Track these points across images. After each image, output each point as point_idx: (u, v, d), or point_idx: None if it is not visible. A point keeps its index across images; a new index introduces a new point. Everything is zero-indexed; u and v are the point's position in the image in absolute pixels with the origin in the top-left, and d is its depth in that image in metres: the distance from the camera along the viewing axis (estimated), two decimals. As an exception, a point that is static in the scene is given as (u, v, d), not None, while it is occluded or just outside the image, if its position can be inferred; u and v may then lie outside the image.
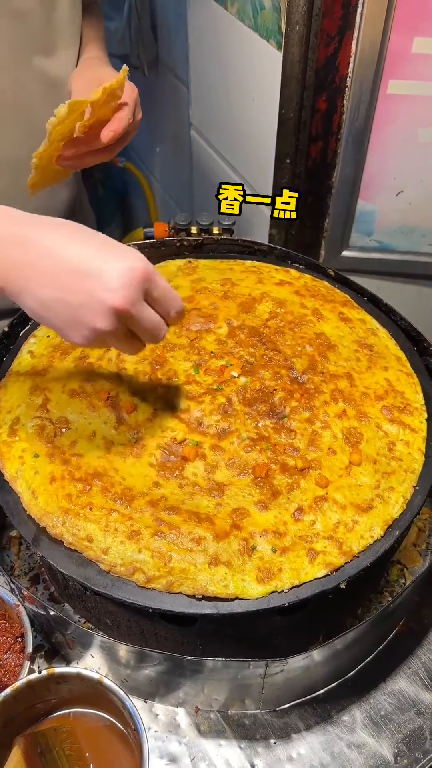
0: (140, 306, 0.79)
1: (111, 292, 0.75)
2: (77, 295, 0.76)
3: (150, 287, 0.80)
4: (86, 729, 0.90)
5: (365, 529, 0.88)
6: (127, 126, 1.05)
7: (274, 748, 0.96)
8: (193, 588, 0.83)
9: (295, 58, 1.37)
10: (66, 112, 0.96)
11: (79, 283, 0.76)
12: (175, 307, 0.84)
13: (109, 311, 0.76)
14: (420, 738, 0.96)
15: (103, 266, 0.76)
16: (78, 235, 0.79)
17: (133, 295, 0.77)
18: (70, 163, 1.06)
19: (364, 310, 1.18)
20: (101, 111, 1.01)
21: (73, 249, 0.77)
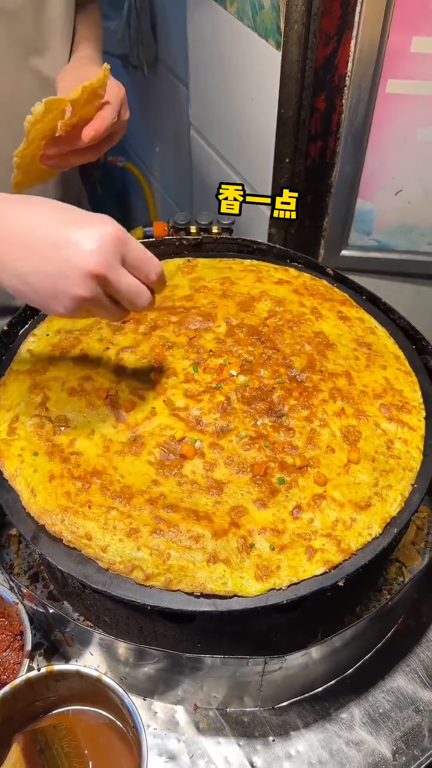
0: (117, 269, 0.80)
1: (85, 257, 0.77)
2: (54, 264, 0.77)
3: (125, 251, 0.81)
4: (85, 726, 0.90)
5: (363, 527, 0.88)
6: (110, 125, 1.03)
7: (273, 745, 0.96)
8: (192, 585, 0.83)
9: (294, 58, 1.37)
10: (43, 109, 0.95)
11: (54, 253, 0.77)
12: (154, 269, 0.84)
13: (87, 276, 0.77)
14: (418, 735, 0.96)
15: (76, 233, 0.78)
16: (51, 208, 0.81)
17: (108, 258, 0.78)
18: (53, 162, 1.06)
19: (362, 308, 1.18)
20: (84, 110, 1.01)
21: (46, 221, 0.79)
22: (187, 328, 1.09)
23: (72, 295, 0.78)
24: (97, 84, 0.99)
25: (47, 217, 0.80)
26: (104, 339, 1.08)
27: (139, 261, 0.83)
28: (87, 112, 1.02)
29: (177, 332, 1.09)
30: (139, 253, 0.83)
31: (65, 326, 1.11)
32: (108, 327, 1.10)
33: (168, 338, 1.08)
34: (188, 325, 1.10)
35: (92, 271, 0.77)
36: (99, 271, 0.78)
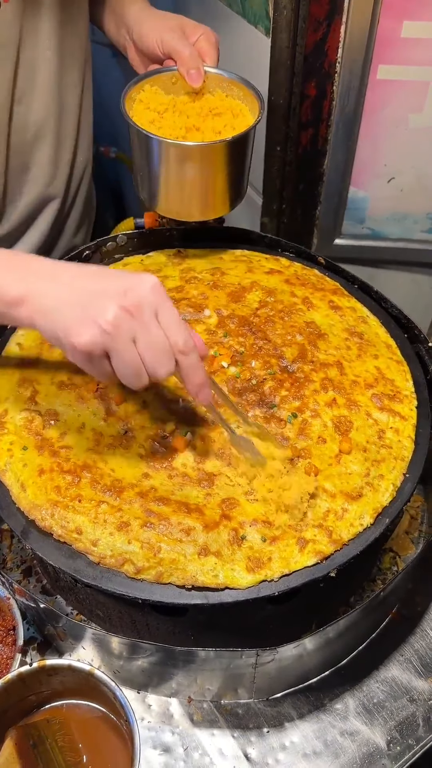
0: (149, 315, 0.78)
1: (120, 291, 0.77)
2: (90, 294, 0.78)
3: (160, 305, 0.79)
4: (79, 720, 0.90)
5: (355, 517, 0.88)
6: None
7: (267, 736, 0.96)
8: (183, 578, 0.83)
9: (283, 44, 1.35)
10: None
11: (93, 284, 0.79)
12: (185, 339, 0.79)
13: (119, 308, 0.76)
14: (413, 725, 0.96)
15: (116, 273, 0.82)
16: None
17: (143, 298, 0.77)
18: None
19: (354, 298, 1.17)
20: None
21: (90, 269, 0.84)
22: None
23: (99, 322, 0.75)
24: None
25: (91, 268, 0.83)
26: (94, 331, 1.07)
27: (172, 322, 0.79)
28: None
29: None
30: (175, 315, 0.80)
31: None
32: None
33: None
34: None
35: (124, 305, 0.76)
36: (131, 306, 0.76)
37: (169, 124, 1.11)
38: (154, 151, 1.07)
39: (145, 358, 0.78)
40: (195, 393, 0.84)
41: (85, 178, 1.36)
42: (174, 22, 1.14)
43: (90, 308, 0.76)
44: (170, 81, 1.14)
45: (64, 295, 0.79)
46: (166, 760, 0.94)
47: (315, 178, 1.54)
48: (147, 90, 1.14)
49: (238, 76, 1.13)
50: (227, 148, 1.07)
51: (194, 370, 0.81)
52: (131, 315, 0.76)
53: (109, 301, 0.76)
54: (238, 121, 1.12)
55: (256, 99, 1.11)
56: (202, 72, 1.11)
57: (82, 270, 0.83)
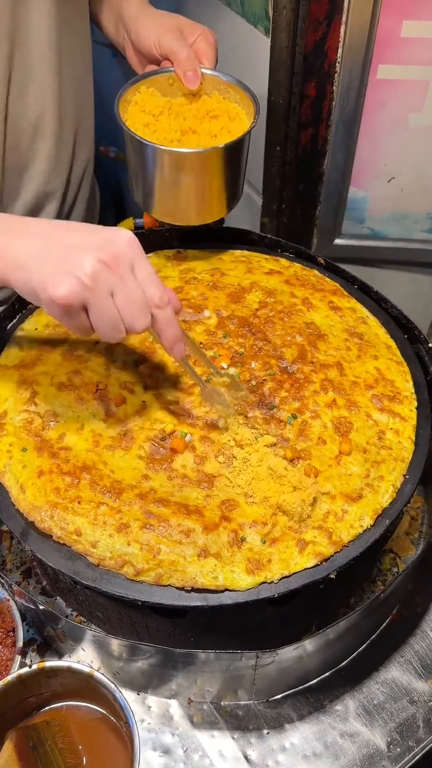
0: (126, 269, 0.78)
1: (98, 244, 0.77)
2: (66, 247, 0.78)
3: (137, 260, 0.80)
4: (79, 722, 0.90)
5: (355, 519, 0.88)
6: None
7: (267, 738, 0.96)
8: (183, 580, 0.83)
9: (283, 44, 1.35)
10: None
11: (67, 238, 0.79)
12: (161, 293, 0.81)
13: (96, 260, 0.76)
14: (413, 726, 0.96)
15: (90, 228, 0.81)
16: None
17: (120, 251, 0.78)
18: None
19: (354, 298, 1.17)
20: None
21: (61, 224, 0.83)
22: (176, 321, 1.08)
23: (78, 274, 0.75)
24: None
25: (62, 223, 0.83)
26: (93, 332, 1.07)
27: (148, 276, 0.80)
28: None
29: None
30: (150, 269, 0.81)
31: (54, 320, 1.10)
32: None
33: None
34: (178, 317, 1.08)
35: (102, 258, 0.76)
36: (108, 259, 0.76)
37: (164, 127, 1.11)
38: (148, 157, 1.07)
39: (123, 312, 0.79)
40: (170, 347, 0.86)
41: (86, 177, 1.36)
42: (172, 22, 1.14)
43: (66, 261, 0.76)
44: (167, 82, 1.14)
45: (37, 248, 0.78)
46: (166, 761, 0.94)
47: (315, 178, 1.54)
48: (143, 92, 1.14)
49: (235, 79, 1.12)
50: (222, 154, 1.07)
51: (169, 324, 0.83)
52: (109, 268, 0.77)
53: (87, 253, 0.76)
54: (234, 125, 1.12)
55: (252, 102, 1.10)
56: (199, 74, 1.11)
57: (53, 224, 0.82)
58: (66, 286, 0.75)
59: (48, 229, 0.81)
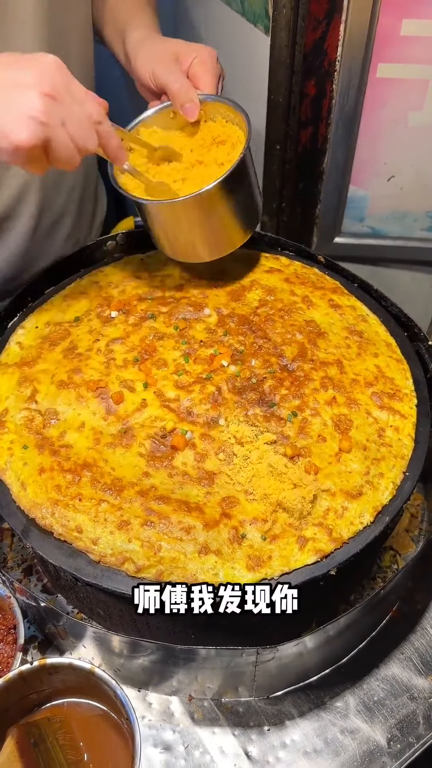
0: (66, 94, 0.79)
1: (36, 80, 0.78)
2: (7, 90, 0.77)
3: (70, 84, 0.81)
4: (80, 719, 0.90)
5: (355, 516, 0.88)
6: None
7: (268, 734, 0.96)
8: (183, 577, 0.83)
9: (282, 43, 1.35)
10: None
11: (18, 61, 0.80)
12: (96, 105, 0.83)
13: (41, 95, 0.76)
14: (413, 723, 0.96)
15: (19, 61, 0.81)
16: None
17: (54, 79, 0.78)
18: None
19: (354, 296, 1.17)
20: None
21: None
22: (177, 319, 1.08)
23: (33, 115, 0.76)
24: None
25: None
26: (94, 330, 1.07)
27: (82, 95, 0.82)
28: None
29: (167, 323, 1.08)
30: (81, 87, 0.82)
31: (54, 318, 1.11)
32: (98, 319, 1.09)
33: (158, 329, 1.07)
34: (178, 315, 1.09)
35: (45, 91, 0.77)
36: (50, 91, 0.77)
37: (166, 171, 1.08)
38: (147, 213, 1.05)
39: (75, 137, 0.80)
40: (114, 157, 0.89)
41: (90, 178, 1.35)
42: (166, 52, 1.09)
43: (14, 104, 0.76)
44: (168, 116, 1.10)
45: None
46: (167, 758, 0.94)
47: (315, 176, 1.54)
48: (142, 134, 1.10)
49: (230, 101, 1.07)
50: (220, 189, 1.00)
51: (110, 135, 0.87)
52: (54, 99, 0.78)
53: (29, 91, 0.76)
54: (237, 151, 1.05)
55: (245, 124, 1.05)
56: (197, 103, 1.05)
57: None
58: (27, 131, 0.76)
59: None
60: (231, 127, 1.09)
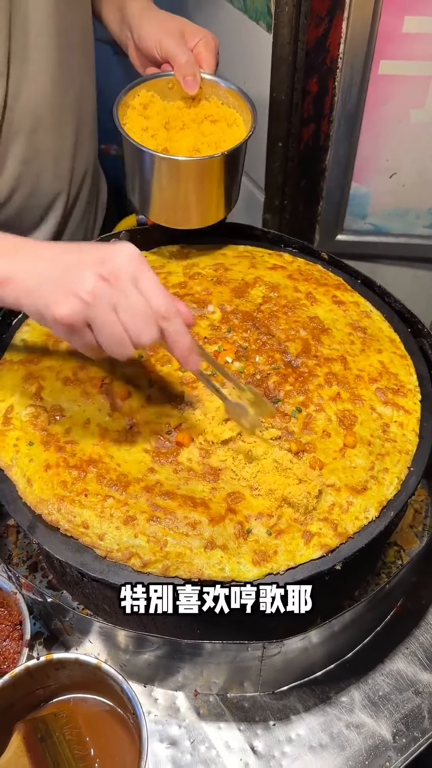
0: (126, 282, 0.78)
1: (95, 261, 0.78)
2: (66, 266, 0.79)
3: (139, 273, 0.79)
4: (86, 714, 0.90)
5: (360, 511, 0.88)
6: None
7: (274, 729, 0.96)
8: (190, 572, 0.83)
9: (285, 40, 1.35)
10: None
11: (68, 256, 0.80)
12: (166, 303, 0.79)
13: (96, 276, 0.76)
14: (418, 717, 0.97)
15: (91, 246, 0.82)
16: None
17: (119, 266, 0.77)
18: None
19: (357, 292, 1.17)
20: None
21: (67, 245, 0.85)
22: (181, 315, 1.08)
23: (78, 292, 0.76)
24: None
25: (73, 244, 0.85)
26: (98, 327, 1.08)
27: (152, 288, 0.79)
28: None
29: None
30: (155, 281, 0.79)
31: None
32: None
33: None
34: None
35: (102, 273, 0.76)
36: (108, 274, 0.76)
37: (162, 132, 1.11)
38: (146, 164, 1.08)
39: (127, 326, 0.78)
40: (183, 360, 0.83)
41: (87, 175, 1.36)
42: (174, 26, 1.13)
43: (68, 280, 0.77)
44: (167, 86, 1.14)
45: (45, 271, 0.79)
46: (173, 753, 0.94)
47: (317, 173, 1.54)
48: (142, 95, 1.14)
49: (234, 85, 1.13)
50: (221, 162, 1.07)
51: (180, 336, 0.81)
52: (109, 283, 0.77)
53: (87, 270, 0.77)
54: (232, 131, 1.12)
55: (249, 109, 1.11)
56: (199, 79, 1.11)
57: (64, 246, 0.84)
58: (67, 305, 0.76)
59: (58, 252, 0.82)
60: (226, 108, 1.14)
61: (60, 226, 1.33)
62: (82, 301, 0.76)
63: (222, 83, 1.13)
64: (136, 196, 1.17)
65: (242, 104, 1.12)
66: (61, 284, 0.77)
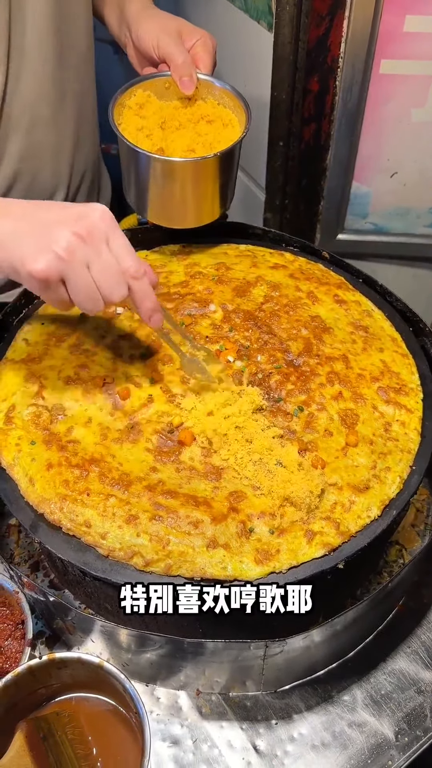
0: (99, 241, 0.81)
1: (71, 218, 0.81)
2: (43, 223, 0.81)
3: (111, 233, 0.82)
4: (89, 713, 0.90)
5: (362, 509, 0.88)
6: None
7: (276, 728, 0.96)
8: (192, 571, 0.83)
9: (286, 39, 1.35)
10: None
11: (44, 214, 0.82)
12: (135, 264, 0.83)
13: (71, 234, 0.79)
14: (420, 716, 0.97)
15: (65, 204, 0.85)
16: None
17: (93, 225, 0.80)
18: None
19: (359, 291, 1.17)
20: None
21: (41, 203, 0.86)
22: (182, 315, 1.09)
23: (54, 249, 0.78)
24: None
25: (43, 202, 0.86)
26: (100, 327, 1.08)
27: (123, 248, 0.83)
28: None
29: (173, 319, 1.08)
30: (125, 241, 0.83)
31: (60, 315, 1.11)
32: (103, 315, 1.09)
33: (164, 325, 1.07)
34: (184, 311, 1.09)
35: (77, 231, 0.79)
36: (83, 232, 0.79)
37: (158, 132, 1.11)
38: (141, 165, 1.08)
39: (99, 283, 0.82)
40: (147, 317, 0.89)
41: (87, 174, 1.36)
42: (172, 25, 1.13)
43: (44, 237, 0.79)
44: (163, 86, 1.14)
45: (18, 227, 0.81)
46: (175, 752, 0.94)
47: (318, 173, 1.54)
48: (138, 95, 1.14)
49: (230, 86, 1.13)
50: (215, 162, 1.07)
51: (146, 294, 0.86)
52: (84, 241, 0.80)
53: (63, 228, 0.79)
54: (227, 132, 1.12)
55: (244, 110, 1.11)
56: (195, 79, 1.10)
57: (35, 205, 0.85)
58: (43, 260, 0.79)
59: (28, 209, 0.84)
60: (222, 109, 1.15)
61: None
62: (57, 257, 0.79)
63: (217, 83, 1.13)
64: (132, 196, 1.17)
65: (237, 105, 1.12)
66: (38, 241, 0.79)
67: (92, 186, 1.41)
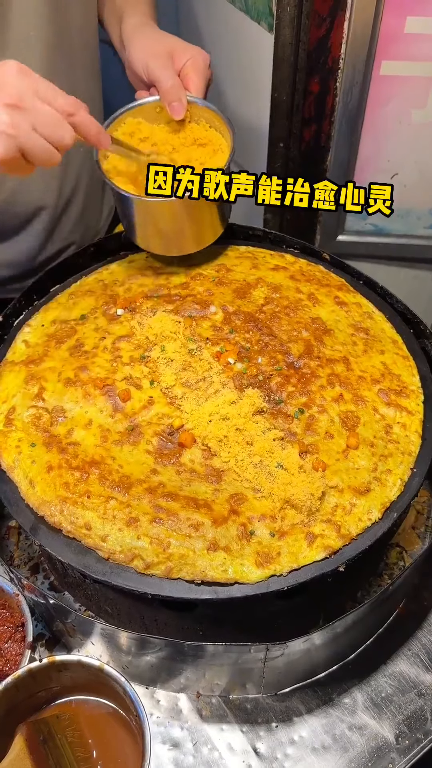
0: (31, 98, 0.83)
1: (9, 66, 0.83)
2: None
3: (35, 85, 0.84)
4: (89, 716, 0.90)
5: (363, 512, 0.88)
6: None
7: (276, 731, 0.96)
8: (192, 573, 0.83)
9: (286, 40, 1.35)
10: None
11: None
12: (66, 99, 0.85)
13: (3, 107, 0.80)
14: (421, 719, 0.97)
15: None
16: None
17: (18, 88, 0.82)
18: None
19: (359, 293, 1.17)
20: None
21: None
22: (183, 316, 1.08)
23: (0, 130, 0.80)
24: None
25: None
26: (100, 328, 1.07)
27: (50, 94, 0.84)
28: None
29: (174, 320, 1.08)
30: (49, 86, 0.85)
31: (60, 316, 1.11)
32: (104, 316, 1.09)
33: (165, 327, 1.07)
34: (184, 313, 1.09)
35: (7, 102, 0.80)
36: (13, 101, 0.80)
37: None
38: (130, 207, 1.07)
39: (49, 136, 0.84)
40: (97, 141, 0.93)
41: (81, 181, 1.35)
42: (161, 48, 1.10)
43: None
44: (155, 110, 1.12)
45: None
46: (176, 755, 0.94)
47: (318, 174, 1.54)
48: (128, 123, 1.12)
49: (214, 107, 1.09)
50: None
51: (88, 122, 0.90)
52: (19, 108, 0.81)
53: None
54: (218, 158, 1.09)
55: (229, 130, 1.08)
56: (185, 103, 1.07)
57: None
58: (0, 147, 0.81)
59: None
60: (213, 132, 1.12)
61: (50, 224, 1.31)
62: (8, 136, 0.81)
63: (208, 106, 1.09)
64: (124, 223, 1.15)
65: (222, 125, 1.10)
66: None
67: (94, 185, 1.40)
